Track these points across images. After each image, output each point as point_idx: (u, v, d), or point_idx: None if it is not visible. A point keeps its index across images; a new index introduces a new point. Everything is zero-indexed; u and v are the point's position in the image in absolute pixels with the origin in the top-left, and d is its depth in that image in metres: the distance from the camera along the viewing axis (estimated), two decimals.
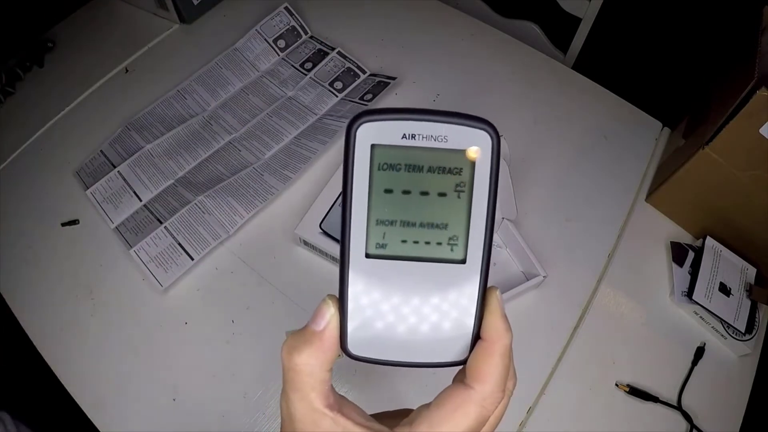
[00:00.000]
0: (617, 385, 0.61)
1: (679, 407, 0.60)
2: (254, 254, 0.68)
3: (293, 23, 0.86)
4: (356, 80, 0.81)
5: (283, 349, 0.24)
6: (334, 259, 0.65)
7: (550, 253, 0.66)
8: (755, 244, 0.66)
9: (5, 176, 0.74)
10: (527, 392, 0.60)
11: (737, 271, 0.66)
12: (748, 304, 0.64)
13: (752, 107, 0.54)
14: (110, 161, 0.73)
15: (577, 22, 0.98)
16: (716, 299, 0.63)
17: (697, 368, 0.63)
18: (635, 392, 0.61)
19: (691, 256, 0.68)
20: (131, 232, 0.68)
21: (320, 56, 0.83)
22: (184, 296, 0.65)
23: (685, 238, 0.71)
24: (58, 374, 0.60)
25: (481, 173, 0.23)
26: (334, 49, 0.83)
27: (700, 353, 0.64)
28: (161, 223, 0.67)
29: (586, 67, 0.93)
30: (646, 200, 0.74)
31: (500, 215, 0.65)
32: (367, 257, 0.24)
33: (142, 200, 0.70)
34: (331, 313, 0.24)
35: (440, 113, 0.23)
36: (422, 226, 0.24)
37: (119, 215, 0.69)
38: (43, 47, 0.84)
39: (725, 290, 0.64)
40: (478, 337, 0.24)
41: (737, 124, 0.57)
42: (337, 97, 0.80)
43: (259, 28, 0.85)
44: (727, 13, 1.26)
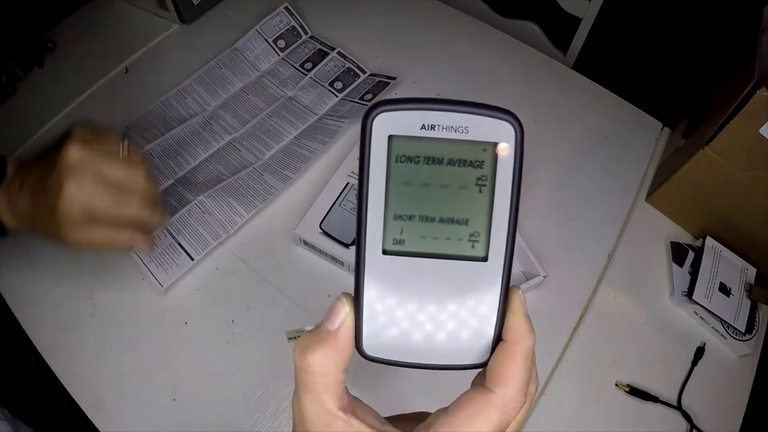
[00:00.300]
0: (617, 385, 0.61)
1: (679, 407, 0.60)
2: (254, 254, 0.68)
3: (293, 23, 0.86)
4: (356, 80, 0.81)
5: (295, 348, 0.23)
6: (334, 259, 0.65)
7: (550, 253, 0.66)
8: (755, 244, 0.67)
9: None
10: None
11: (737, 271, 0.66)
12: (748, 304, 0.64)
13: (752, 107, 0.55)
14: None
15: (577, 22, 0.98)
16: (716, 299, 0.63)
17: (697, 368, 0.63)
18: (635, 392, 0.61)
19: (691, 256, 0.68)
20: None
21: (320, 56, 0.83)
22: (184, 296, 0.65)
23: (685, 238, 0.71)
24: (57, 374, 0.60)
25: (504, 166, 0.22)
26: (334, 49, 0.83)
27: (700, 353, 0.64)
28: None
29: (586, 67, 0.93)
30: (646, 200, 0.74)
31: None
32: (384, 254, 0.23)
33: None
34: (345, 311, 0.23)
35: (461, 103, 0.22)
36: (442, 221, 0.23)
37: None
38: (43, 47, 0.84)
39: (725, 290, 0.64)
40: (499, 338, 0.23)
41: (737, 124, 0.57)
42: (337, 97, 0.80)
43: (259, 28, 0.85)
44: (727, 13, 1.26)
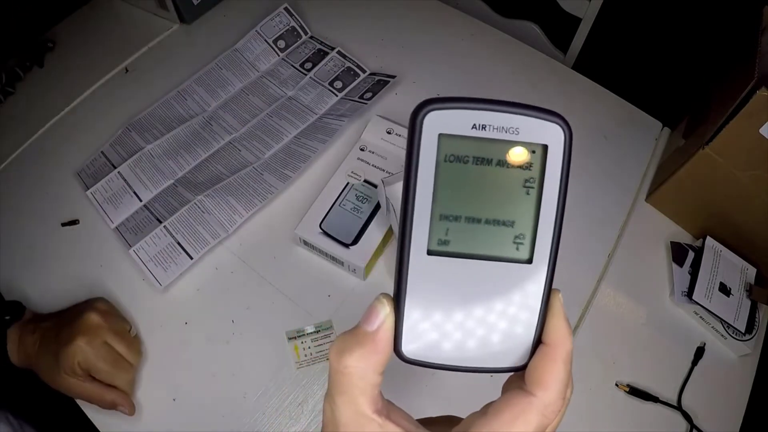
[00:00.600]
0: (617, 385, 0.61)
1: (679, 407, 0.60)
2: (254, 254, 0.68)
3: (293, 24, 0.86)
4: (356, 79, 0.81)
5: (331, 350, 0.23)
6: (334, 259, 0.65)
7: None
8: (755, 244, 0.66)
9: (5, 176, 0.74)
10: None
11: (737, 271, 0.66)
12: (748, 304, 0.64)
13: (752, 107, 0.54)
14: (111, 162, 0.73)
15: (577, 22, 0.98)
16: (716, 299, 0.63)
17: (697, 368, 0.63)
18: (635, 392, 0.61)
19: (691, 256, 0.68)
20: (131, 232, 0.68)
21: (320, 56, 0.83)
22: (184, 296, 0.65)
23: (685, 238, 0.71)
24: None
25: (552, 169, 0.22)
26: (333, 48, 0.83)
27: (700, 353, 0.64)
28: (161, 222, 0.67)
29: (586, 67, 0.93)
30: (646, 200, 0.74)
31: None
32: (428, 254, 0.22)
33: (142, 200, 0.70)
34: (385, 312, 0.23)
35: (513, 104, 0.21)
36: (488, 222, 0.22)
37: (119, 215, 0.69)
38: (43, 47, 0.84)
39: (725, 290, 0.64)
40: (539, 341, 0.23)
41: (737, 124, 0.57)
42: (336, 96, 0.80)
43: (259, 28, 0.85)
44: (727, 13, 1.26)
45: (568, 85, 0.84)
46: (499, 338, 0.23)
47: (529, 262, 0.23)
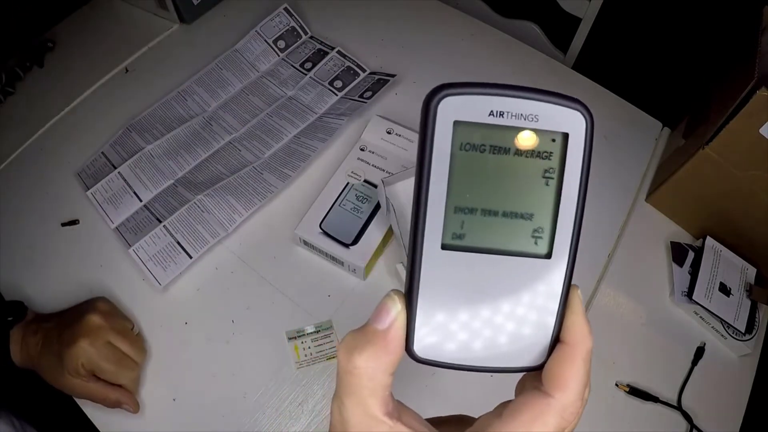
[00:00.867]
0: (617, 385, 0.61)
1: (679, 407, 0.60)
2: (254, 254, 0.68)
3: (293, 24, 0.86)
4: (356, 78, 0.81)
5: (340, 349, 0.22)
6: (334, 259, 0.65)
7: None
8: (755, 244, 0.66)
9: (5, 176, 0.74)
10: None
11: (737, 271, 0.66)
12: (748, 304, 0.64)
13: (752, 107, 0.54)
14: (111, 162, 0.73)
15: (577, 22, 0.98)
16: (716, 299, 0.63)
17: (697, 368, 0.63)
18: (635, 392, 0.61)
19: (691, 256, 0.68)
20: (131, 232, 0.68)
21: (320, 56, 0.83)
22: (184, 296, 0.65)
23: (685, 238, 0.71)
24: None
25: (573, 159, 0.21)
26: (333, 48, 0.83)
27: (700, 353, 0.64)
28: (160, 222, 0.67)
29: (586, 67, 0.93)
30: (646, 200, 0.74)
31: None
32: (442, 248, 0.21)
33: (142, 200, 0.70)
34: (397, 309, 0.21)
35: (532, 90, 0.20)
36: (505, 215, 0.21)
37: (119, 215, 0.69)
38: (43, 47, 0.84)
39: (725, 290, 0.64)
40: (557, 339, 0.22)
41: (737, 124, 0.57)
42: (336, 95, 0.80)
43: (258, 29, 0.85)
44: (727, 13, 1.26)
45: (568, 85, 0.84)
46: (515, 336, 0.22)
47: (547, 257, 0.22)
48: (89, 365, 0.54)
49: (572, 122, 0.21)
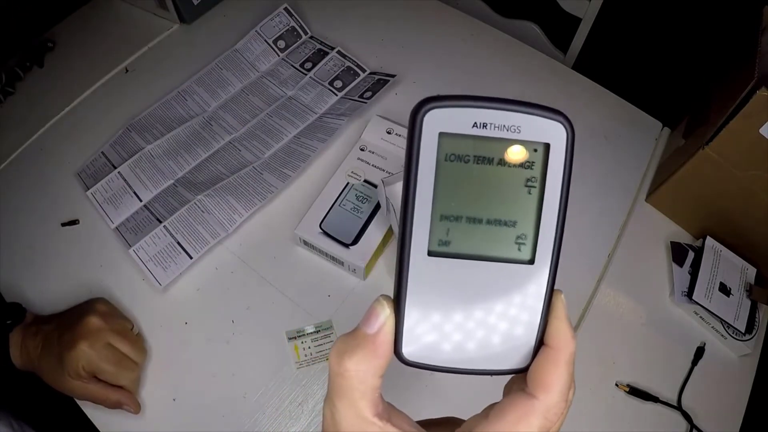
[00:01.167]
0: (617, 385, 0.61)
1: (679, 407, 0.60)
2: (254, 254, 0.68)
3: (293, 24, 0.86)
4: (356, 79, 0.81)
5: (331, 352, 0.22)
6: (334, 259, 0.65)
7: None
8: (755, 244, 0.66)
9: (5, 176, 0.74)
10: None
11: (737, 271, 0.66)
12: (748, 304, 0.64)
13: (752, 107, 0.54)
14: (111, 162, 0.73)
15: (577, 22, 0.98)
16: (716, 299, 0.63)
17: (697, 368, 0.63)
18: (635, 392, 0.61)
19: (691, 256, 0.68)
20: (131, 232, 0.68)
21: (320, 56, 0.83)
22: (184, 296, 0.65)
23: (685, 238, 0.71)
24: None
25: (554, 168, 0.21)
26: (333, 48, 0.83)
27: (700, 353, 0.64)
28: (161, 222, 0.67)
29: (586, 67, 0.93)
30: (646, 200, 0.74)
31: None
32: (429, 255, 0.22)
33: (142, 200, 0.70)
34: (386, 314, 0.22)
35: (514, 102, 0.21)
36: (489, 222, 0.22)
37: (119, 215, 0.69)
38: (43, 47, 0.84)
39: (725, 290, 0.64)
40: (541, 343, 0.23)
41: (737, 124, 0.57)
42: (336, 95, 0.80)
43: (258, 29, 0.85)
44: (727, 13, 1.26)
45: (568, 85, 0.84)
46: (500, 340, 0.23)
47: (531, 262, 0.22)
48: (90, 367, 0.54)
49: (553, 133, 0.21)
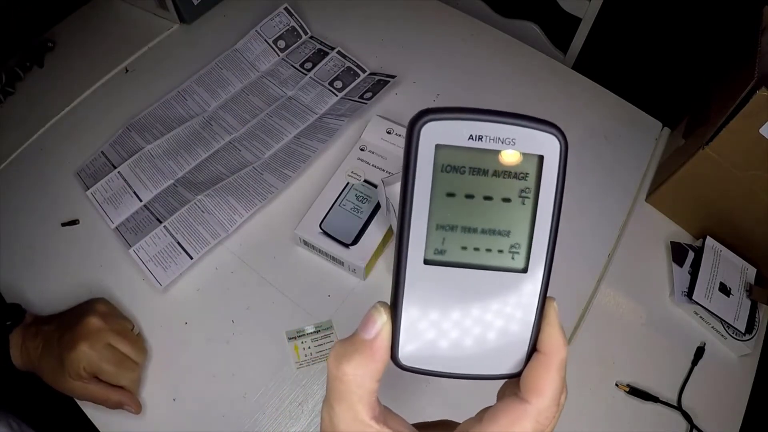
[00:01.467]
0: (617, 385, 0.61)
1: (679, 407, 0.60)
2: (254, 254, 0.68)
3: (293, 24, 0.86)
4: (356, 79, 0.81)
5: (330, 357, 0.23)
6: (334, 259, 0.65)
7: None
8: (755, 244, 0.66)
9: (5, 176, 0.74)
10: None
11: (737, 271, 0.66)
12: (748, 304, 0.64)
13: (752, 107, 0.54)
14: (111, 162, 0.73)
15: (577, 22, 0.98)
16: (716, 299, 0.63)
17: (697, 368, 0.63)
18: (635, 392, 0.61)
19: (691, 256, 0.68)
20: (131, 232, 0.68)
21: (320, 56, 0.83)
22: (184, 296, 0.65)
23: (685, 238, 0.71)
24: None
25: (547, 179, 0.22)
26: (333, 48, 0.83)
27: (700, 353, 0.64)
28: (161, 222, 0.67)
29: (586, 67, 0.93)
30: (646, 200, 0.74)
31: None
32: (425, 263, 0.23)
33: (142, 200, 0.70)
34: (383, 320, 0.23)
35: (510, 115, 0.22)
36: (484, 232, 0.23)
37: (119, 215, 0.69)
38: (43, 47, 0.84)
39: (725, 290, 0.64)
40: (533, 349, 0.24)
41: (737, 124, 0.57)
42: (336, 96, 0.80)
43: (259, 29, 0.85)
44: (727, 13, 1.26)
45: (568, 85, 0.84)
46: (494, 346, 0.23)
47: (524, 271, 0.23)
48: (90, 368, 0.54)
49: (547, 145, 0.22)
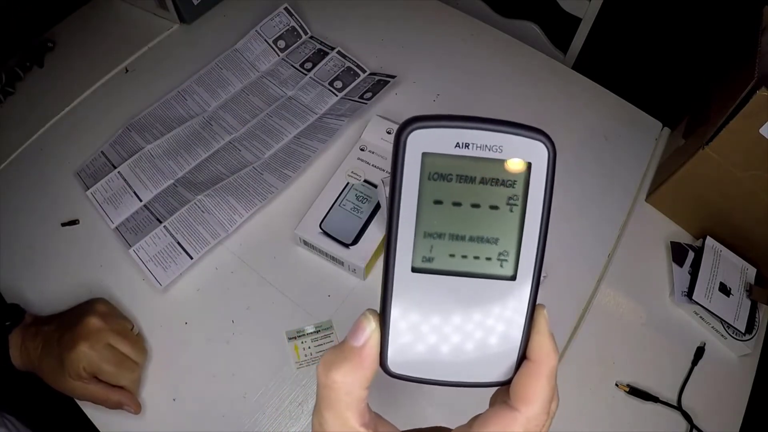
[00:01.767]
0: (617, 385, 0.61)
1: (679, 407, 0.60)
2: (254, 254, 0.68)
3: (293, 24, 0.86)
4: (356, 79, 0.81)
5: (319, 365, 0.23)
6: (334, 259, 0.65)
7: (550, 253, 0.66)
8: (755, 244, 0.66)
9: (5, 176, 0.74)
10: None
11: (737, 271, 0.66)
12: (748, 304, 0.64)
13: (752, 107, 0.54)
14: (111, 162, 0.73)
15: (577, 22, 0.98)
16: (716, 299, 0.63)
17: (697, 368, 0.63)
18: (635, 392, 0.61)
19: (691, 256, 0.68)
20: (131, 232, 0.68)
21: (320, 56, 0.83)
22: (184, 296, 0.65)
23: (685, 238, 0.71)
24: None
25: (535, 186, 0.22)
26: (333, 48, 0.83)
27: (700, 353, 0.64)
28: (161, 222, 0.67)
29: (586, 67, 0.93)
30: (646, 200, 0.74)
31: None
32: (413, 271, 0.23)
33: (142, 200, 0.70)
34: (371, 328, 0.23)
35: (497, 122, 0.22)
36: (471, 240, 0.22)
37: (119, 215, 0.69)
38: (43, 47, 0.84)
39: (725, 290, 0.64)
40: (523, 357, 0.23)
41: (737, 124, 0.57)
42: (336, 96, 0.80)
43: (259, 28, 0.85)
44: (727, 13, 1.26)
45: (568, 85, 0.84)
46: (483, 354, 0.23)
47: (513, 278, 0.23)
48: (90, 368, 0.54)
49: (535, 152, 0.22)
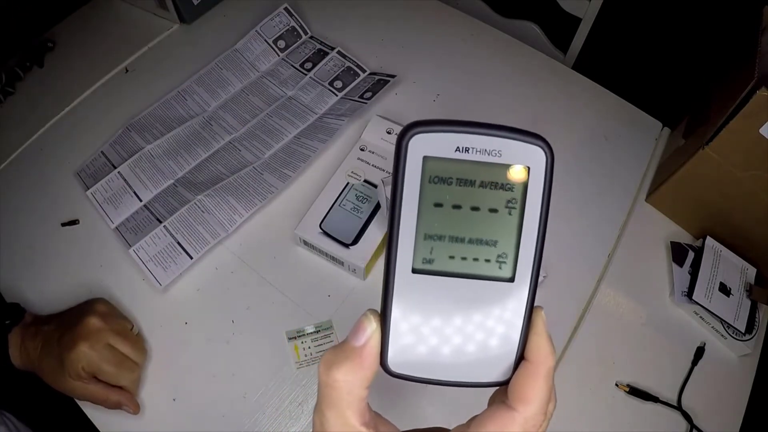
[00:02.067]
0: (617, 385, 0.61)
1: (679, 407, 0.60)
2: (254, 254, 0.68)
3: (293, 24, 0.86)
4: (356, 79, 0.81)
5: (320, 364, 0.23)
6: (334, 259, 0.65)
7: (550, 253, 0.66)
8: (755, 244, 0.66)
9: (5, 176, 0.74)
10: None
11: (737, 271, 0.66)
12: (748, 304, 0.64)
13: (752, 107, 0.54)
14: (111, 162, 0.73)
15: (577, 22, 0.98)
16: (716, 299, 0.63)
17: (697, 368, 0.63)
18: (635, 392, 0.61)
19: (691, 256, 0.68)
20: (131, 232, 0.68)
21: (320, 56, 0.83)
22: (184, 296, 0.65)
23: (685, 238, 0.71)
24: None
25: (533, 190, 0.23)
26: (333, 48, 0.83)
27: (700, 353, 0.64)
28: (161, 222, 0.67)
29: (586, 67, 0.93)
30: (646, 200, 0.74)
31: None
32: (413, 272, 0.23)
33: (142, 200, 0.70)
34: (372, 328, 0.23)
35: (496, 127, 0.22)
36: (471, 242, 0.23)
37: (119, 215, 0.69)
38: (43, 47, 0.84)
39: (725, 290, 0.64)
40: (521, 357, 0.24)
41: (737, 124, 0.57)
42: (336, 96, 0.80)
43: (259, 29, 0.85)
44: (727, 13, 1.26)
45: (568, 85, 0.84)
46: (482, 354, 0.24)
47: (511, 280, 0.23)
48: (90, 368, 0.54)
49: (533, 157, 0.22)
